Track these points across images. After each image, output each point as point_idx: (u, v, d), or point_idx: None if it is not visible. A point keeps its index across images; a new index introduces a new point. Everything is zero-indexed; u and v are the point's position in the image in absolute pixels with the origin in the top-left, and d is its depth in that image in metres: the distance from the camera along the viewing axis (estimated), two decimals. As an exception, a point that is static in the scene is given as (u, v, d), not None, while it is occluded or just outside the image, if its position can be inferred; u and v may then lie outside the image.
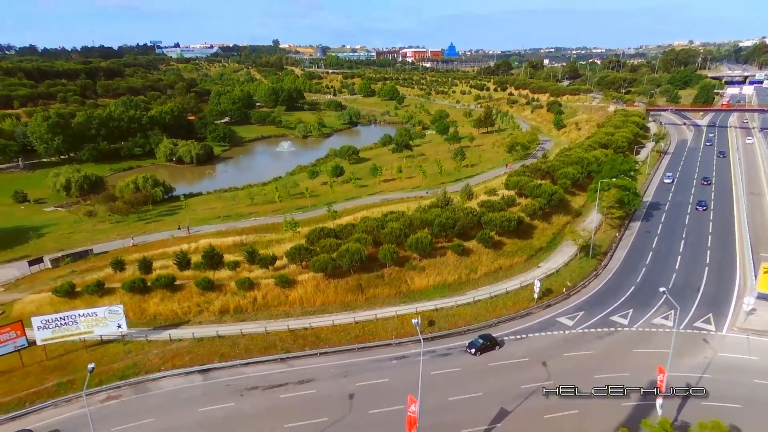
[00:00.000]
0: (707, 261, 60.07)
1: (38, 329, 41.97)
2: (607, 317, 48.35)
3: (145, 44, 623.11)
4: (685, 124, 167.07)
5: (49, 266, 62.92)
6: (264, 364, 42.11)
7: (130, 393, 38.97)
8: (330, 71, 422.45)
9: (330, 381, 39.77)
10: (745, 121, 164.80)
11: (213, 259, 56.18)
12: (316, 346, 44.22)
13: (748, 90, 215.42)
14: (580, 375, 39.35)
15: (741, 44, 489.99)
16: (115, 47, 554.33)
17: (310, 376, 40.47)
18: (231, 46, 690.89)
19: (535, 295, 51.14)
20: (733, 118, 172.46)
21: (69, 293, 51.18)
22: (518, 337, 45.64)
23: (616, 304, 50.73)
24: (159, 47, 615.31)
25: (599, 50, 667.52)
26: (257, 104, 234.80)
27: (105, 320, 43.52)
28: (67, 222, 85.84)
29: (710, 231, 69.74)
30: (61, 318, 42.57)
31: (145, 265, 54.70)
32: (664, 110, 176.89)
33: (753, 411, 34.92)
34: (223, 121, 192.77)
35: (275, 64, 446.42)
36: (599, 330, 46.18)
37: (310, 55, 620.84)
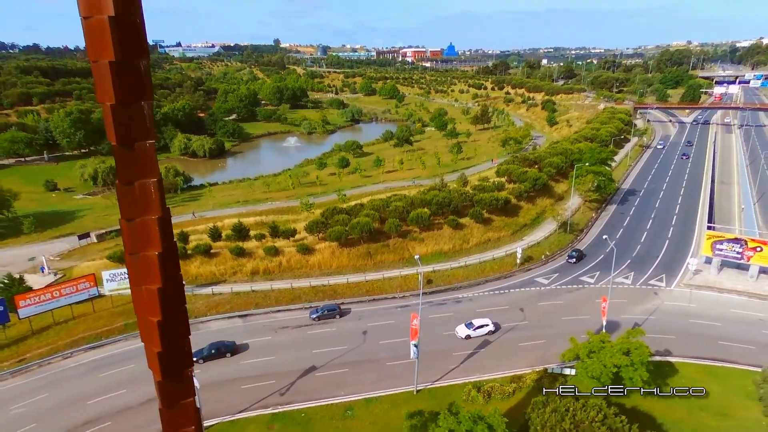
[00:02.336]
0: (669, 235, 69.28)
1: (107, 281, 51.12)
2: (577, 278, 57.49)
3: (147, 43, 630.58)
4: (671, 121, 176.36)
5: (95, 240, 71.82)
6: (292, 311, 51.18)
7: (185, 331, 47.88)
8: (331, 71, 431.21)
9: (347, 322, 48.88)
10: (728, 119, 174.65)
11: (241, 232, 65.12)
12: (334, 298, 53.33)
13: (734, 89, 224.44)
14: (549, 318, 48.56)
15: (738, 45, 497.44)
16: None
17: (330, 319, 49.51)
18: (232, 45, 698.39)
19: (518, 261, 60.33)
20: (717, 116, 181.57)
21: (121, 259, 59.91)
22: (501, 291, 54.81)
23: (585, 268, 59.89)
24: (161, 46, 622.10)
25: (598, 50, 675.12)
26: (262, 102, 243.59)
27: (160, 276, 52.40)
28: (101, 206, 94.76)
29: (676, 212, 78.89)
30: (124, 272, 51.59)
31: (183, 236, 63.77)
32: (652, 108, 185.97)
33: (684, 340, 44.05)
34: (230, 118, 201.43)
35: (277, 63, 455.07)
36: (569, 287, 55.36)
37: (311, 54, 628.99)
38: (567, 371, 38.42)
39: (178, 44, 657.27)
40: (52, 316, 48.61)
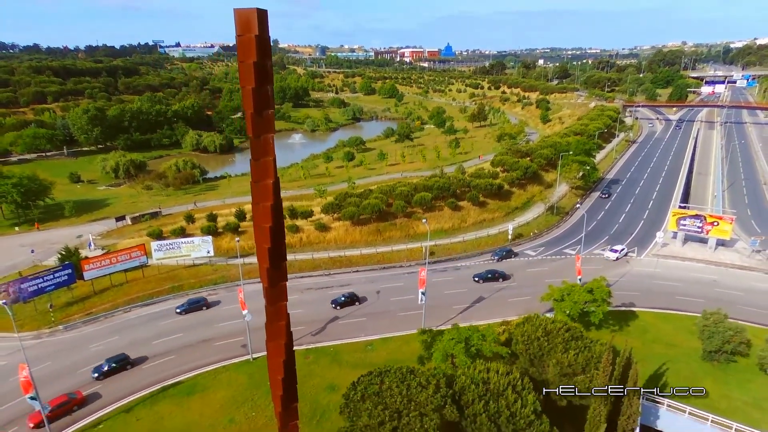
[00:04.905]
0: (644, 216, 77.80)
1: (154, 251, 59.21)
2: (561, 250, 65.89)
3: (147, 43, 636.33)
4: (658, 118, 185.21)
5: (130, 223, 79.71)
6: (314, 277, 59.41)
7: (224, 292, 56.15)
8: (331, 71, 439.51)
9: (362, 285, 57.06)
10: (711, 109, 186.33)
11: (264, 213, 73.24)
12: (349, 266, 61.53)
13: (720, 89, 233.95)
14: (535, 280, 56.82)
15: (732, 45, 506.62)
16: (117, 46, 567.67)
17: (348, 282, 57.76)
18: (231, 45, 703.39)
19: (509, 237, 68.64)
20: (702, 114, 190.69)
21: (159, 236, 68.06)
22: (495, 264, 63.03)
23: (569, 243, 68.30)
24: (161, 46, 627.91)
25: (594, 51, 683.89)
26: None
27: (199, 247, 60.70)
28: (127, 195, 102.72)
29: (653, 198, 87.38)
30: (169, 243, 59.83)
31: (212, 217, 71.87)
32: (640, 106, 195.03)
33: (646, 296, 52.51)
34: (237, 116, 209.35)
35: (277, 63, 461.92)
36: (554, 257, 63.75)
37: (310, 54, 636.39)
38: (547, 315, 46.53)
39: (178, 44, 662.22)
40: (110, 280, 56.63)
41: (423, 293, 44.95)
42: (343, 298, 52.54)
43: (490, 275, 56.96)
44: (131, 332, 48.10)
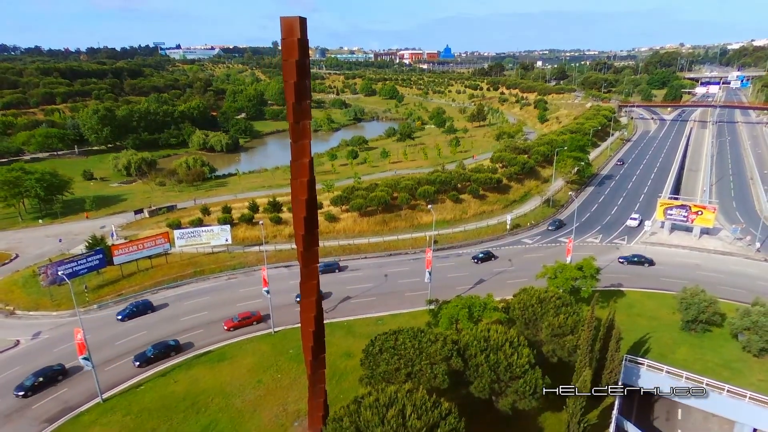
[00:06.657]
0: (636, 208, 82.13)
1: (177, 239, 63.47)
2: (556, 239, 70.25)
3: (147, 45, 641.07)
4: (652, 118, 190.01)
5: (147, 216, 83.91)
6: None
7: (242, 276, 60.39)
8: (331, 72, 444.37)
9: (371, 269, 61.37)
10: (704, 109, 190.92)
11: (275, 206, 77.61)
12: (358, 253, 65.81)
13: (714, 89, 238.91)
14: (531, 265, 60.99)
15: (729, 47, 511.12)
16: (118, 48, 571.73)
17: (358, 267, 62.04)
18: (231, 47, 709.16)
19: (508, 227, 72.99)
20: (696, 113, 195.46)
21: (177, 227, 72.20)
22: (494, 248, 67.32)
23: (563, 232, 72.62)
24: (162, 48, 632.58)
25: (592, 52, 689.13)
26: (269, 102, 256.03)
27: (218, 235, 64.96)
28: (141, 190, 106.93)
29: (644, 191, 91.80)
30: (190, 231, 64.17)
31: (227, 210, 76.14)
32: (635, 106, 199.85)
33: (634, 277, 56.85)
34: (240, 116, 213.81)
35: (278, 65, 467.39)
36: (549, 245, 68.12)
37: (310, 56, 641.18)
38: (542, 293, 50.81)
39: (178, 46, 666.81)
40: (137, 265, 60.87)
41: (429, 272, 49.24)
42: (481, 255, 62.88)
43: (635, 258, 61.08)
44: (160, 310, 52.29)
